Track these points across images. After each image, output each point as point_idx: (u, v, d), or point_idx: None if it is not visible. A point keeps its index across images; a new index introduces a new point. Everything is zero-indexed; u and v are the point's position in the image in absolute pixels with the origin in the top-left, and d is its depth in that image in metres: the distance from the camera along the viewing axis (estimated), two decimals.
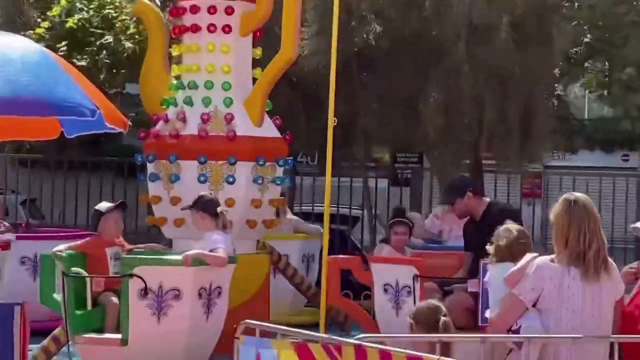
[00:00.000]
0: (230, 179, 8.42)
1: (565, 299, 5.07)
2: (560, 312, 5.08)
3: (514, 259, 5.46)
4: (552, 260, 5.16)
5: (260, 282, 8.62)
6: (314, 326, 6.99)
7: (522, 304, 5.13)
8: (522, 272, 5.20)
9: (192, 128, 8.55)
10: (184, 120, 8.55)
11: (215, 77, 8.64)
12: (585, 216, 5.13)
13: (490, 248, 5.67)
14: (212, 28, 8.64)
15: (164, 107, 8.81)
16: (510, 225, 5.78)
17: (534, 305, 5.12)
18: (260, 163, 8.58)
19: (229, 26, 8.66)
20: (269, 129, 8.73)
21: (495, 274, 5.52)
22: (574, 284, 5.08)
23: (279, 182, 8.78)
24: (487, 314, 5.49)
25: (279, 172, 8.76)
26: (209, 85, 8.61)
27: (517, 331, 5.11)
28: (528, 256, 5.30)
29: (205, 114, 8.52)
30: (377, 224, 13.60)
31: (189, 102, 8.61)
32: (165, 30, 9.00)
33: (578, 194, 5.25)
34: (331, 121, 6.26)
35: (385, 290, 7.97)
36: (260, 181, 8.55)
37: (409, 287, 7.71)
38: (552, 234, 5.20)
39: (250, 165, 8.55)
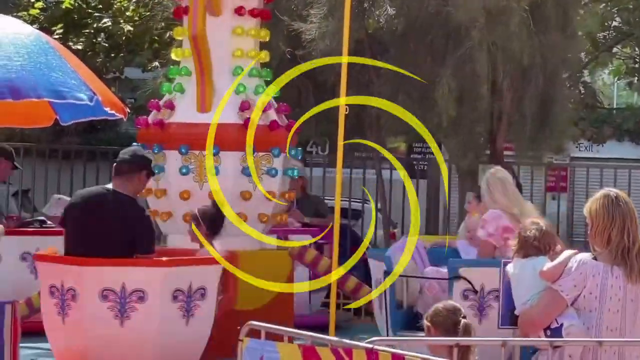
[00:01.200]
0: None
1: (607, 298, 5.08)
2: (601, 313, 5.08)
3: (542, 253, 5.44)
4: (594, 258, 5.16)
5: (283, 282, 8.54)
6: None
7: (563, 300, 5.14)
8: (562, 267, 5.19)
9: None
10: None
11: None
12: (628, 213, 5.17)
13: (513, 242, 5.64)
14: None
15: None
16: (537, 219, 5.77)
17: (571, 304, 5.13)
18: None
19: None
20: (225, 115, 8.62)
21: (525, 269, 5.48)
22: (617, 284, 5.10)
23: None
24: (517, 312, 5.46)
25: (218, 160, 8.53)
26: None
27: (556, 329, 5.11)
28: (567, 252, 5.30)
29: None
30: (390, 219, 13.59)
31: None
32: None
33: (617, 190, 5.27)
34: (342, 109, 6.23)
35: None
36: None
37: None
38: (591, 230, 5.19)
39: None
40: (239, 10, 8.67)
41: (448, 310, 5.14)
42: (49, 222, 10.24)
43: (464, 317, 5.05)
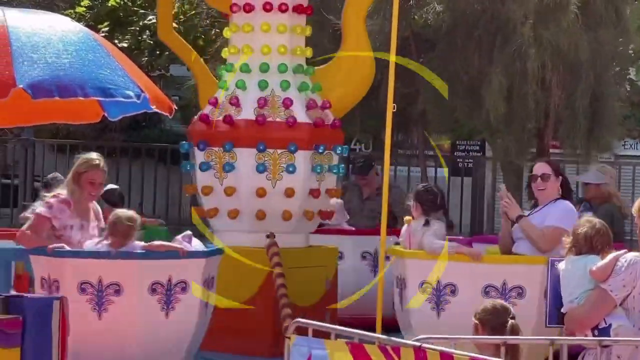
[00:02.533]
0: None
1: None
2: None
3: (594, 252, 5.41)
4: None
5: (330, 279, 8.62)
6: None
7: (612, 300, 5.11)
8: (612, 266, 5.16)
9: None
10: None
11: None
12: None
13: (567, 240, 5.61)
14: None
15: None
16: (591, 217, 5.74)
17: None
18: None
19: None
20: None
21: (576, 266, 5.45)
22: None
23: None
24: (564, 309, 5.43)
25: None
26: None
27: (604, 329, 5.08)
28: (618, 252, 5.26)
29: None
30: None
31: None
32: None
33: None
34: (390, 106, 6.22)
35: None
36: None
37: None
38: (639, 230, 5.17)
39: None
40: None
41: (496, 309, 5.12)
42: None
43: (513, 318, 5.03)
